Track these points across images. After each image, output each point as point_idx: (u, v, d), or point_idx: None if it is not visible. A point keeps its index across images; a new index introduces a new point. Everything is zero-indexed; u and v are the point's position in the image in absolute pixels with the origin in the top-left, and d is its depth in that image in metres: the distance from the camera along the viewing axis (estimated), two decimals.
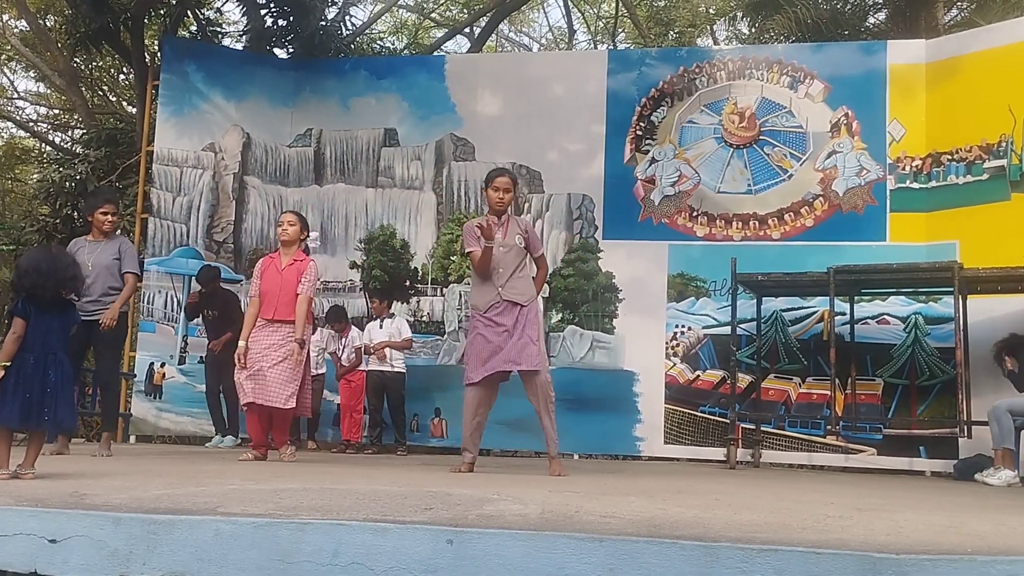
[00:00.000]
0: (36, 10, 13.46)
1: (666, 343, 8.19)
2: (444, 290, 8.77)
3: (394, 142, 9.13)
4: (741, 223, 8.24)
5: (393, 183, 9.09)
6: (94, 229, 6.08)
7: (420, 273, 8.88)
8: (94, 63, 14.45)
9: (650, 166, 8.50)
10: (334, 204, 9.13)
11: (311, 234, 6.47)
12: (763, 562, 2.09)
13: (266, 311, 5.82)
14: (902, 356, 7.73)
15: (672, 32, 16.22)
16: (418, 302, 8.82)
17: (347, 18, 11.70)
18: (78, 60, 13.49)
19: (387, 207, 9.06)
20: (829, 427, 7.45)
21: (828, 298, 7.10)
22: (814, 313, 7.98)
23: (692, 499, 3.49)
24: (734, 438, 7.29)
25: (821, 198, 8.12)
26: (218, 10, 12.12)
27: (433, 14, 18.47)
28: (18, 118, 17.70)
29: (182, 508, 2.61)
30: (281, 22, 10.25)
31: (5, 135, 18.10)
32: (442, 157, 8.99)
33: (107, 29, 9.81)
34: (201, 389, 8.05)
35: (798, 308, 8.04)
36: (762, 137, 8.34)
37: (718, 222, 8.29)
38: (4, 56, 16.18)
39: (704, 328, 8.14)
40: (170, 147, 8.89)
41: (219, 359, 7.54)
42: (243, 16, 10.66)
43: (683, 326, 8.19)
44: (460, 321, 8.54)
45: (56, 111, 18.13)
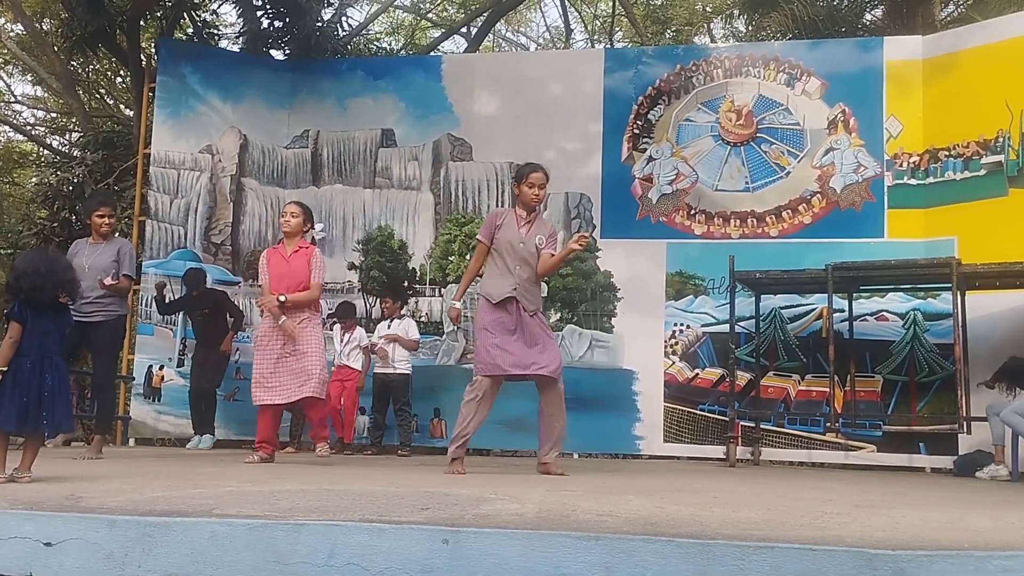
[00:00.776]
0: (32, 13, 13.45)
1: (665, 341, 8.18)
2: (443, 290, 8.76)
3: (391, 143, 9.11)
4: (739, 221, 8.23)
5: (390, 184, 9.08)
6: (93, 232, 6.10)
7: (418, 273, 8.88)
8: (91, 66, 14.43)
9: (647, 164, 8.49)
10: (332, 205, 9.11)
11: (316, 226, 6.41)
12: (759, 559, 2.09)
13: None
14: (901, 353, 7.72)
15: (669, 30, 16.22)
16: (416, 303, 8.81)
17: (343, 19, 11.69)
18: (74, 63, 13.46)
19: (385, 208, 9.05)
20: (828, 424, 7.44)
21: (827, 295, 7.09)
22: (813, 310, 7.97)
23: (690, 497, 3.48)
24: (734, 436, 7.29)
25: (819, 195, 8.11)
26: (214, 12, 12.08)
27: (430, 14, 18.46)
28: (15, 122, 17.69)
29: (178, 510, 2.61)
30: (277, 23, 10.22)
31: (2, 139, 18.08)
32: (439, 157, 8.98)
33: (103, 32, 9.78)
34: None
35: (797, 305, 8.03)
36: (759, 134, 8.33)
37: (716, 220, 8.28)
38: (0, 60, 16.16)
39: (703, 326, 8.13)
40: (167, 149, 8.87)
41: (204, 359, 7.79)
42: (239, 18, 10.64)
43: (682, 324, 8.18)
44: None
45: (53, 114, 18.10)
